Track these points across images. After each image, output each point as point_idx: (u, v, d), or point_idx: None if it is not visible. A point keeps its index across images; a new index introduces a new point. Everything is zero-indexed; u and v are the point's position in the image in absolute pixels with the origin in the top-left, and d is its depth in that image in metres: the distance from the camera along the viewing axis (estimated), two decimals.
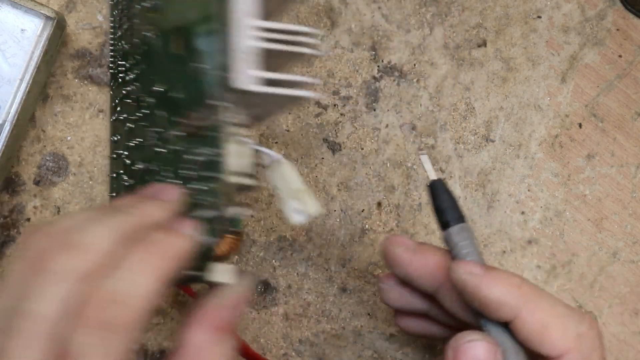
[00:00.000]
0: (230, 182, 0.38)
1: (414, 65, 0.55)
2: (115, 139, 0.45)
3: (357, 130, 0.55)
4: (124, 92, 0.44)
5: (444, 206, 0.42)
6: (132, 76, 0.43)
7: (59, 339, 0.29)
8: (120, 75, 0.45)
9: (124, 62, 0.44)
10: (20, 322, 0.29)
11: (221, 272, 0.39)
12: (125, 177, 0.44)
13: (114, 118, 0.46)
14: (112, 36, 0.46)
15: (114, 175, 0.45)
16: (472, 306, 0.40)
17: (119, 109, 0.45)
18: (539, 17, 0.57)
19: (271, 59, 0.38)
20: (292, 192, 0.41)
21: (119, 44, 0.45)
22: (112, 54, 0.46)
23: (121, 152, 0.44)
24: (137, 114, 0.42)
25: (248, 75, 0.37)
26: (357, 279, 0.55)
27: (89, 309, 0.29)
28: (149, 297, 0.31)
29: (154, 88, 0.40)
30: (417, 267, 0.44)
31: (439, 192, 0.42)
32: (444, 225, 0.42)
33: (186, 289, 0.48)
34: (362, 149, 0.55)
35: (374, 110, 0.55)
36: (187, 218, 0.37)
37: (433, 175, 0.43)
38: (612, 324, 0.56)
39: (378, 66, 0.55)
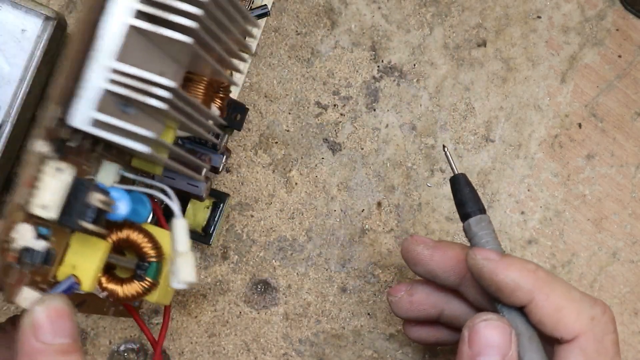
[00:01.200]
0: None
1: (414, 65, 0.55)
2: None
3: (357, 130, 0.55)
4: None
5: (465, 199, 0.43)
6: None
7: None
8: None
9: None
10: None
11: (23, 298, 0.37)
12: None
13: None
14: None
15: None
16: (488, 291, 0.41)
17: None
18: (539, 17, 0.57)
19: (125, 102, 0.37)
20: (175, 252, 0.41)
21: None
22: None
23: None
24: None
25: (84, 115, 0.35)
26: (357, 279, 0.55)
27: None
28: None
29: None
30: (439, 261, 0.45)
31: (460, 186, 0.43)
32: (465, 216, 0.43)
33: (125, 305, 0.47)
34: (362, 149, 0.55)
35: (374, 110, 0.55)
36: None
37: (455, 170, 0.44)
38: None
39: (378, 66, 0.55)
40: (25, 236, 0.36)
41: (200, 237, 0.51)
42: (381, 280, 0.55)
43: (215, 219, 0.51)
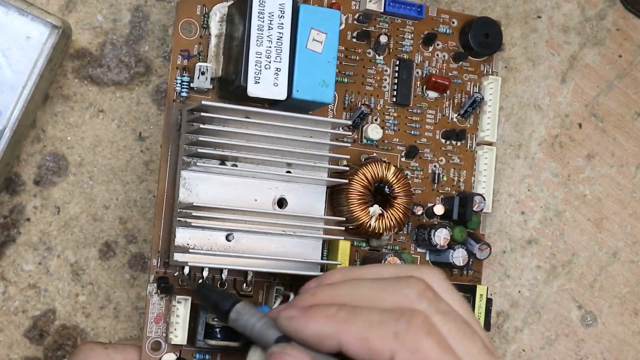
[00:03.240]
0: None
1: None
2: None
3: None
4: None
5: (216, 300, 0.41)
6: None
7: None
8: None
9: None
10: None
11: None
12: None
13: None
14: None
15: None
16: (304, 347, 0.39)
17: None
18: (539, 17, 0.57)
19: None
20: None
21: None
22: None
23: None
24: None
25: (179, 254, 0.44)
26: None
27: None
28: None
29: None
30: (304, 335, 0.40)
31: (206, 292, 0.42)
32: (225, 314, 0.41)
33: None
34: None
35: None
36: None
37: (193, 285, 0.45)
38: (612, 324, 0.57)
39: None
40: None
41: None
42: None
43: None
